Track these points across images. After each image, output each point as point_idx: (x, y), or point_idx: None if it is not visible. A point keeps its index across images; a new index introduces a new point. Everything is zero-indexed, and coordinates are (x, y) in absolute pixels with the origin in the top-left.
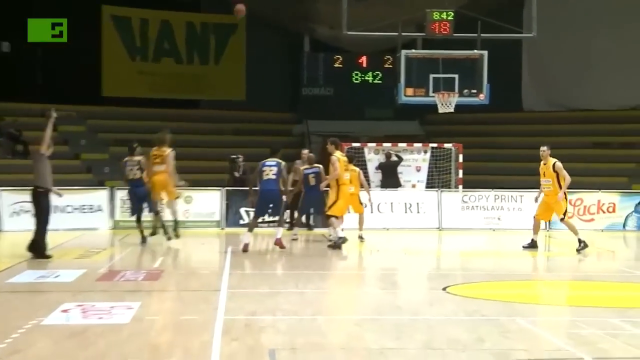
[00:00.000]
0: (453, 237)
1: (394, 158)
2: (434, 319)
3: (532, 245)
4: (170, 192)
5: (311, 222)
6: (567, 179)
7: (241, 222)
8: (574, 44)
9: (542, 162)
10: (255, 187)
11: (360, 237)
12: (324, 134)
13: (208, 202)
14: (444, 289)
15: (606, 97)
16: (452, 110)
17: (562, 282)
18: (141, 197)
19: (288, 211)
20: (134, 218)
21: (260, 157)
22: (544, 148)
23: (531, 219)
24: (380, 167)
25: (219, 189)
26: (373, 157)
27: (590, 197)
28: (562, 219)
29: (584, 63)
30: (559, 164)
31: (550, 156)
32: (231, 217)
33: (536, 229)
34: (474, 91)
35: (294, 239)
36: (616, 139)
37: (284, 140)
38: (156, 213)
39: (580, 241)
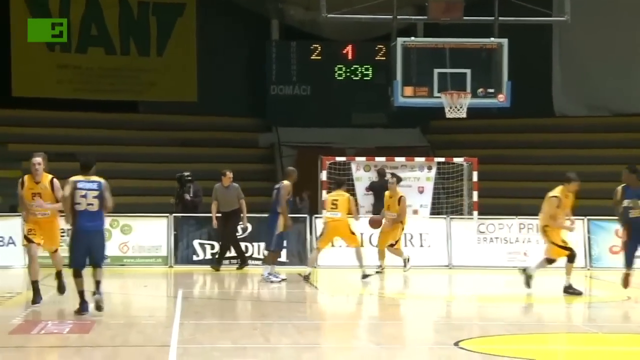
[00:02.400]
0: (467, 277)
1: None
2: None
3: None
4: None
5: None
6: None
7: (195, 257)
8: (618, 31)
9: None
10: None
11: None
12: (299, 145)
13: (152, 232)
14: (456, 343)
15: None
16: (463, 115)
17: (603, 335)
18: (95, 242)
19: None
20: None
21: (216, 174)
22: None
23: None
24: (372, 187)
25: (165, 216)
26: (362, 174)
27: None
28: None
29: (632, 54)
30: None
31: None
32: (182, 252)
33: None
34: (491, 91)
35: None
36: None
37: (248, 153)
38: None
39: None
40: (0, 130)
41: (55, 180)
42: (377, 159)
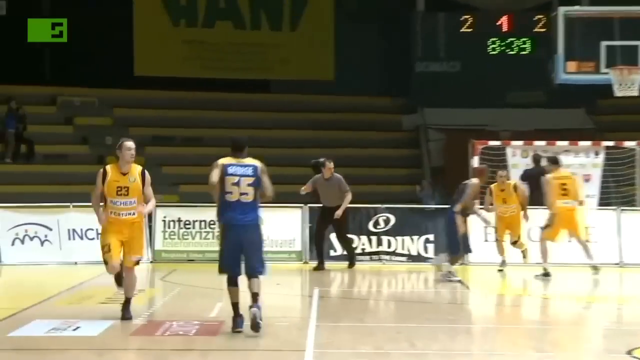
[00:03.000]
0: None
1: (545, 163)
2: None
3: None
4: None
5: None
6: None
7: (332, 253)
8: None
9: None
10: None
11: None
12: (448, 127)
13: (285, 224)
14: (630, 352)
15: None
16: (635, 92)
17: None
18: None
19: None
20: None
21: (359, 160)
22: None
23: None
24: (527, 176)
25: (300, 207)
26: (519, 161)
27: None
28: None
29: None
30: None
31: None
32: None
33: None
34: None
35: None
36: None
37: (390, 136)
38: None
39: None
40: (122, 112)
41: (146, 172)
42: (536, 143)
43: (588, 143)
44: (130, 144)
